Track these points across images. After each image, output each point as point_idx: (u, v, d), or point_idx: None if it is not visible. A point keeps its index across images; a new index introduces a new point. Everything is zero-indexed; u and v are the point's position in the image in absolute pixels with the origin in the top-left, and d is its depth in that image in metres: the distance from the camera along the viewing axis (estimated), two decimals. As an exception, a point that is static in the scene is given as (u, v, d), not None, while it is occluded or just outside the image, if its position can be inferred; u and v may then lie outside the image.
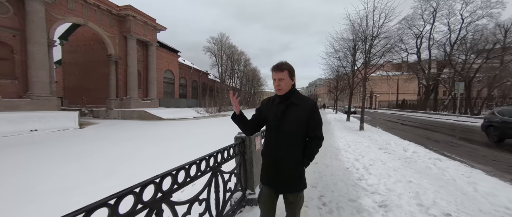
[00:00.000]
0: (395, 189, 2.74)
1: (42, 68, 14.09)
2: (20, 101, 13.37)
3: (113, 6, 18.23)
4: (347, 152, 4.83)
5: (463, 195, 2.63)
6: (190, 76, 29.92)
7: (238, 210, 2.11)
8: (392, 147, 5.47)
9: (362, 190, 2.78)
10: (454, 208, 2.27)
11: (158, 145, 7.67)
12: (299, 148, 1.40)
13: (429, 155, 4.56)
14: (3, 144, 7.70)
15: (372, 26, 7.85)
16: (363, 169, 3.57)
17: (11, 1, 13.19)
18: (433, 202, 2.39)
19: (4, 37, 13.07)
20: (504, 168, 4.19)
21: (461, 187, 2.87)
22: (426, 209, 2.24)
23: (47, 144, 8.05)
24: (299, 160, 1.41)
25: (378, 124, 12.30)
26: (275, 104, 1.44)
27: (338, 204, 2.38)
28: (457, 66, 20.49)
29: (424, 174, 3.39)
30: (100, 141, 8.98)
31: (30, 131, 11.45)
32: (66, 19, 15.80)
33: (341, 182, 3.05)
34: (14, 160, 5.58)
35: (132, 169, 4.74)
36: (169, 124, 15.37)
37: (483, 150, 5.70)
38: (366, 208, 2.29)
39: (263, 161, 1.54)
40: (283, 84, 1.37)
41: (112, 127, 13.90)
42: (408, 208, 2.25)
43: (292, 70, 1.40)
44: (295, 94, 1.41)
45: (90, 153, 6.47)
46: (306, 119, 1.36)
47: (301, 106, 1.37)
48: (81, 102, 19.50)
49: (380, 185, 2.90)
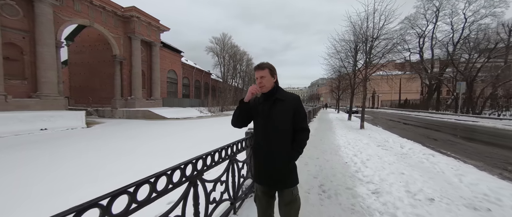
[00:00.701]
0: (388, 179, 3.08)
1: (50, 69, 14.60)
2: (30, 100, 13.89)
3: (118, 7, 18.70)
4: (346, 149, 5.17)
5: (449, 184, 2.96)
6: (193, 76, 30.39)
7: (249, 194, 2.46)
8: (390, 144, 5.79)
9: (358, 180, 3.12)
10: (438, 195, 2.61)
11: (171, 142, 8.12)
12: (288, 142, 1.47)
13: (424, 151, 4.88)
14: (17, 143, 8.14)
15: (372, 27, 8.17)
16: (360, 163, 3.91)
17: (21, 4, 13.70)
18: (420, 189, 2.73)
19: (14, 38, 13.58)
20: (495, 163, 4.47)
21: (448, 178, 3.20)
22: (412, 195, 2.58)
23: (60, 142, 8.48)
24: (289, 153, 1.47)
25: (379, 123, 12.58)
26: (260, 102, 1.52)
27: (336, 191, 2.73)
28: (460, 65, 20.65)
29: (416, 167, 3.73)
30: (110, 139, 9.41)
31: (40, 130, 11.93)
32: (72, 20, 16.30)
33: (340, 173, 3.39)
34: (33, 157, 6.01)
35: (153, 160, 5.16)
36: (174, 123, 15.78)
37: (479, 147, 5.97)
38: (360, 195, 2.64)
39: (255, 161, 1.60)
40: (264, 81, 1.46)
41: (118, 126, 14.35)
42: (397, 194, 2.59)
43: (273, 69, 1.50)
44: (279, 91, 1.50)
45: (105, 150, 6.89)
46: (292, 113, 1.45)
47: (286, 101, 1.45)
48: (86, 101, 20.02)
49: (374, 176, 3.24)
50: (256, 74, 1.50)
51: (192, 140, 8.64)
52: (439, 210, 2.24)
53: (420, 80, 26.91)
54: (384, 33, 8.24)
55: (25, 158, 5.80)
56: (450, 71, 22.12)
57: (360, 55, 9.74)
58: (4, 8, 13.10)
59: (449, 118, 15.94)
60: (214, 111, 24.88)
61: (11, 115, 11.91)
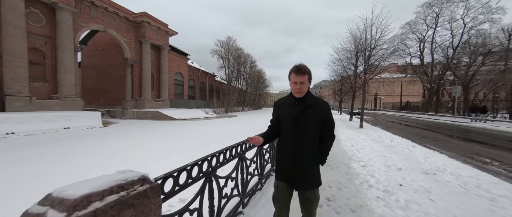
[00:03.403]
0: (374, 159, 4.45)
1: (69, 72, 16.05)
2: (51, 101, 15.30)
3: (130, 13, 20.21)
4: (346, 142, 6.54)
5: (416, 162, 4.33)
6: (198, 78, 31.92)
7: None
8: (382, 139, 7.16)
9: (353, 160, 4.48)
10: (405, 167, 3.97)
11: (185, 139, 9.43)
12: (315, 147, 1.52)
13: (408, 144, 6.26)
14: (52, 139, 9.24)
15: (370, 39, 9.58)
16: (355, 151, 5.28)
17: (44, 12, 15.19)
18: (394, 164, 4.10)
19: (38, 44, 15.04)
20: (465, 153, 5.77)
21: (417, 159, 4.57)
22: (388, 167, 3.95)
23: (92, 138, 9.83)
24: (315, 158, 1.54)
25: (378, 124, 13.94)
26: (291, 104, 1.55)
27: (337, 165, 4.09)
28: (460, 69, 22.02)
29: (397, 153, 5.10)
30: (130, 138, 10.76)
31: (64, 128, 13.31)
32: (89, 26, 17.80)
33: (340, 156, 4.76)
34: (84, 147, 7.37)
35: (176, 156, 6.49)
36: (183, 124, 17.14)
37: (460, 143, 7.27)
38: (353, 167, 4.00)
39: (279, 157, 1.63)
40: (303, 87, 1.47)
41: (132, 125, 15.71)
42: (377, 166, 3.96)
43: (311, 74, 1.51)
44: (311, 97, 1.53)
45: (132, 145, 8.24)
46: (321, 120, 1.50)
47: (317, 108, 1.50)
48: (98, 102, 21.43)
49: (364, 158, 4.61)
50: (294, 78, 1.48)
51: (205, 139, 9.97)
52: (402, 174, 3.61)
53: (421, 83, 28.33)
54: (381, 43, 9.65)
55: (80, 149, 7.15)
56: (449, 75, 23.53)
57: (360, 61, 11.14)
58: (30, 16, 14.57)
59: (446, 120, 17.31)
60: (219, 112, 26.23)
61: (37, 115, 13.30)
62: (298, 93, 1.50)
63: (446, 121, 16.48)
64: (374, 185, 3.08)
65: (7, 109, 13.14)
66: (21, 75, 13.69)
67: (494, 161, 4.87)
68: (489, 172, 3.80)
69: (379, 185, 3.09)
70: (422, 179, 3.37)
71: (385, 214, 2.29)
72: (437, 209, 2.39)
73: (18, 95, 13.59)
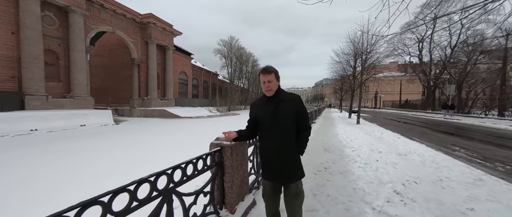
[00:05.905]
0: (363, 146, 5.81)
1: (81, 72, 17.31)
2: (65, 100, 16.57)
3: (137, 14, 21.43)
4: (342, 135, 7.90)
5: (395, 148, 5.68)
6: (201, 77, 33.25)
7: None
8: (374, 133, 8.51)
9: (346, 147, 5.83)
10: (385, 150, 5.33)
11: (194, 135, 10.71)
12: (292, 139, 1.70)
13: (394, 136, 7.60)
14: (73, 135, 10.32)
15: (366, 43, 10.92)
16: (349, 141, 6.64)
17: (57, 15, 16.41)
18: (377, 148, 5.46)
19: (52, 45, 16.28)
20: (442, 144, 7.07)
21: (397, 145, 5.93)
22: (371, 150, 5.31)
23: (109, 134, 11.11)
24: (295, 150, 1.71)
25: (375, 121, 15.30)
26: (265, 103, 1.74)
27: (333, 151, 5.44)
28: (457, 68, 23.31)
29: (382, 142, 6.45)
30: (146, 134, 11.98)
31: (80, 125, 14.59)
32: (98, 27, 19.03)
33: (336, 144, 6.12)
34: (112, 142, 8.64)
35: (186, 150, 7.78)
36: (189, 121, 18.45)
37: (443, 137, 8.50)
38: (345, 151, 5.35)
39: (263, 159, 1.82)
40: (272, 85, 1.67)
41: (142, 123, 17.01)
42: (364, 150, 5.32)
43: (278, 73, 1.71)
44: (282, 93, 1.72)
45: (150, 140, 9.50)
46: (295, 112, 1.68)
47: (289, 102, 1.68)
48: (106, 101, 22.70)
49: (355, 145, 5.97)
50: (262, 78, 1.68)
51: (210, 134, 11.25)
52: (381, 155, 4.95)
53: (420, 81, 29.72)
54: (376, 47, 11.00)
55: (110, 143, 8.44)
56: (446, 74, 24.89)
57: (358, 63, 12.47)
58: (45, 19, 15.78)
59: (439, 117, 18.72)
60: (222, 110, 27.53)
61: (54, 113, 14.55)
62: (268, 92, 1.70)
63: (439, 119, 17.86)
64: (358, 161, 4.43)
65: (26, 108, 14.42)
66: (38, 75, 14.94)
67: (462, 149, 6.18)
68: (449, 155, 5.13)
69: (362, 160, 4.46)
70: (394, 157, 4.72)
71: (361, 174, 3.63)
72: (396, 171, 3.75)
73: (36, 94, 14.86)
